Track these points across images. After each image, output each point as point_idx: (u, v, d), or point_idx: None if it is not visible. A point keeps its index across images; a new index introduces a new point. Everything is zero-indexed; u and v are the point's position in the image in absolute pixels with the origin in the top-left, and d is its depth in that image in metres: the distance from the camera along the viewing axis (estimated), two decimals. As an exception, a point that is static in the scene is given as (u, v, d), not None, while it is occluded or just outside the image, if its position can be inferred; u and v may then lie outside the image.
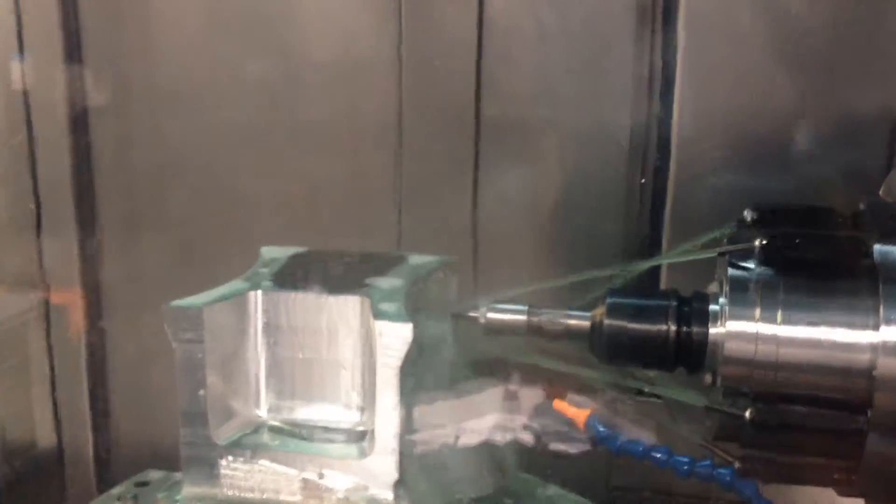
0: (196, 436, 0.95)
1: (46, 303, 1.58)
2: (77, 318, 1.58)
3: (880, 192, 0.94)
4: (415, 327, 0.89)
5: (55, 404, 1.61)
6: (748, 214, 0.91)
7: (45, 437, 1.62)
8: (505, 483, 1.00)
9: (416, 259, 1.05)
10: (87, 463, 1.61)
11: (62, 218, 1.55)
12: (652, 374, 0.91)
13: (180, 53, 1.47)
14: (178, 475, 1.13)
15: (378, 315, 0.91)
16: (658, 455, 0.87)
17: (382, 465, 0.92)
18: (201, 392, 0.94)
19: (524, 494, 1.01)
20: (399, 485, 0.92)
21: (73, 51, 1.49)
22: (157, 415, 1.57)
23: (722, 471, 0.83)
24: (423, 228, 1.42)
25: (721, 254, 0.88)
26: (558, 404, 0.91)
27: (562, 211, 1.39)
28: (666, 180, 1.30)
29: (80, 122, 1.52)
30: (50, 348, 1.60)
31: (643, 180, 1.32)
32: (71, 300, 1.58)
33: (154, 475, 1.15)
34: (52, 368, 1.60)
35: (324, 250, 1.09)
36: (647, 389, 0.92)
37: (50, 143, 1.52)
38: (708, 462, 0.84)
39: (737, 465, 0.83)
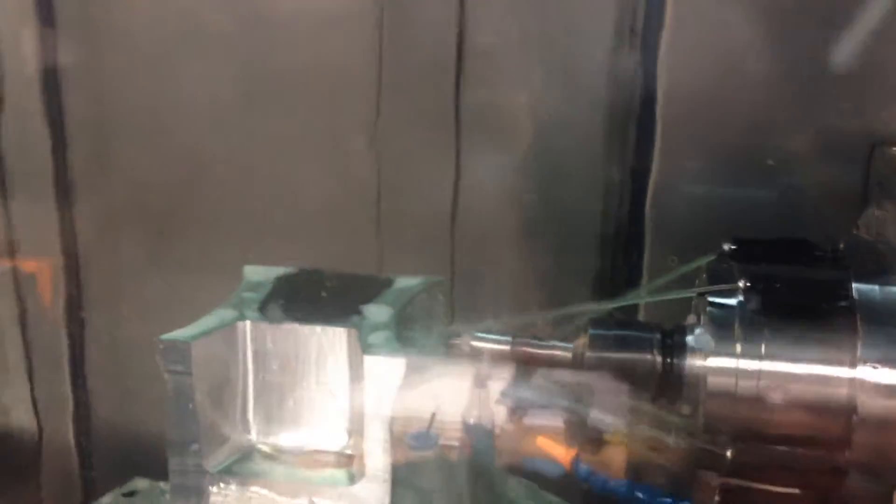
0: (186, 464, 0.96)
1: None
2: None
3: (856, 229, 0.96)
4: (405, 360, 0.91)
5: (32, 390, 1.62)
6: (726, 246, 0.93)
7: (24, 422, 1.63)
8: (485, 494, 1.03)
9: (403, 282, 1.06)
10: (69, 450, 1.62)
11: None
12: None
13: (154, 18, 1.47)
14: (163, 484, 1.16)
15: (368, 349, 0.92)
16: (641, 496, 0.89)
17: (372, 492, 0.94)
18: (191, 421, 0.95)
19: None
20: (393, 512, 0.94)
21: (45, 13, 1.49)
22: (136, 401, 1.59)
23: None
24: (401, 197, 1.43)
25: (700, 294, 0.89)
26: (542, 442, 0.93)
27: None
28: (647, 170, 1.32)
29: (51, 84, 1.51)
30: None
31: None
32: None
33: (140, 484, 1.17)
34: (26, 343, 1.61)
35: (308, 270, 1.09)
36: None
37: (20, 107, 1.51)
38: (688, 502, 0.87)
39: (717, 499, 0.85)
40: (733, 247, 0.93)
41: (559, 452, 0.92)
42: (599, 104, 1.37)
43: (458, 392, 0.99)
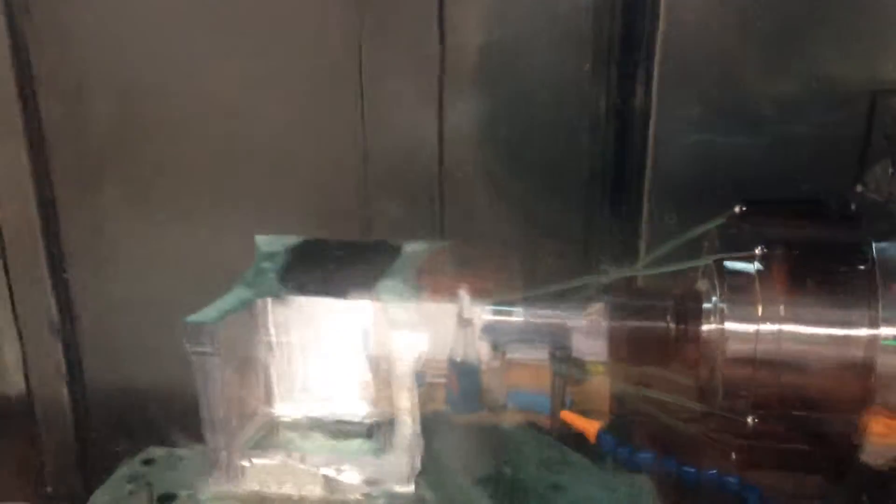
0: (219, 441, 0.98)
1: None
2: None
3: (862, 186, 0.98)
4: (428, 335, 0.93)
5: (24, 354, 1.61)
6: (737, 208, 0.96)
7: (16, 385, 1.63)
8: (505, 461, 1.07)
9: (410, 247, 1.07)
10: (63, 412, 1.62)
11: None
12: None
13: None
14: (180, 451, 1.17)
15: (393, 324, 0.94)
16: (668, 467, 0.92)
17: (401, 461, 0.97)
18: (221, 400, 0.96)
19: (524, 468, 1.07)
20: (419, 478, 0.97)
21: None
22: (127, 361, 1.59)
23: (730, 479, 0.90)
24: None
25: (718, 260, 0.92)
26: (567, 415, 0.96)
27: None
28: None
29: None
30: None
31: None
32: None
33: (157, 452, 1.18)
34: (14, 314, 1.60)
35: (318, 240, 1.10)
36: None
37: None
38: (713, 472, 0.91)
39: (734, 456, 0.89)
40: (744, 208, 0.95)
41: (584, 425, 0.95)
42: (585, 44, 1.37)
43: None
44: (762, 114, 1.18)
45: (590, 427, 0.96)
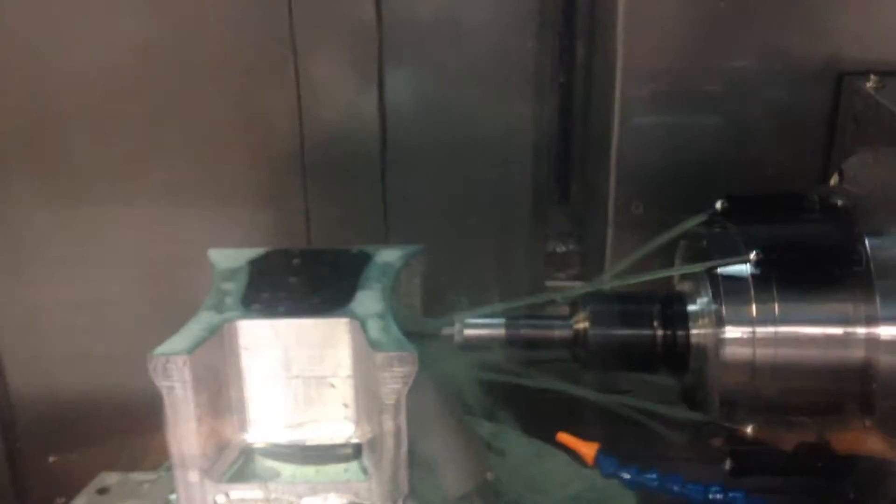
0: (190, 478, 0.92)
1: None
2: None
3: (839, 177, 0.97)
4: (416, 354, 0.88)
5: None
6: (719, 205, 0.94)
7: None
8: (486, 476, 1.04)
9: (383, 255, 1.02)
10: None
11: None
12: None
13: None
14: (135, 475, 1.11)
15: (378, 346, 0.89)
16: (672, 486, 0.91)
17: (390, 484, 0.93)
18: (192, 434, 0.90)
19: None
20: (407, 499, 0.93)
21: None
22: (52, 367, 1.51)
23: (735, 494, 0.89)
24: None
25: (709, 269, 0.89)
26: (563, 437, 0.93)
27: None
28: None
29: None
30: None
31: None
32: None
33: (111, 479, 1.11)
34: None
35: (279, 251, 1.04)
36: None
37: None
38: (719, 487, 0.89)
39: (727, 464, 0.88)
40: (725, 204, 0.93)
41: (580, 447, 0.93)
42: (529, 14, 1.34)
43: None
44: (722, 95, 1.16)
45: (587, 449, 0.94)
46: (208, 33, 1.36)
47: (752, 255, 0.86)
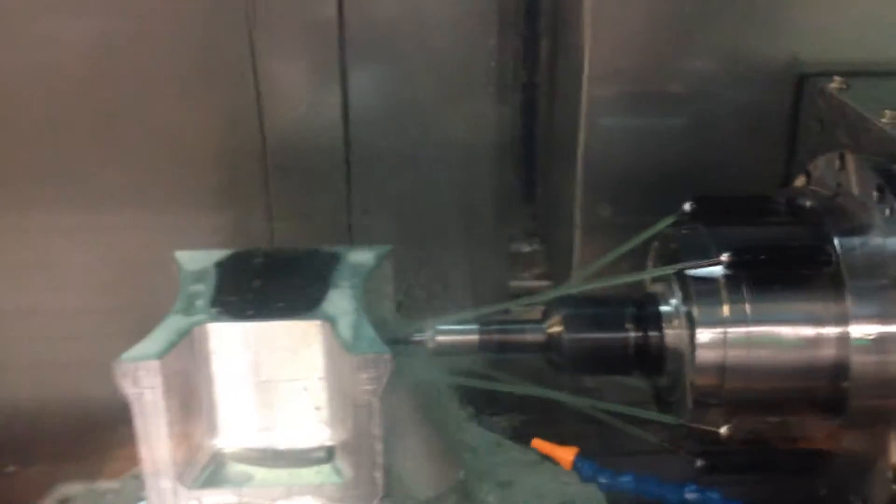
0: (163, 485, 0.90)
1: None
2: None
3: (806, 178, 0.98)
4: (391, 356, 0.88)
5: None
6: (687, 206, 0.94)
7: None
8: (458, 476, 1.03)
9: (353, 257, 1.01)
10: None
11: None
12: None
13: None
14: (98, 485, 1.09)
15: (351, 347, 0.88)
16: (648, 487, 0.91)
17: (365, 486, 0.92)
18: (163, 440, 0.89)
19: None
20: (382, 501, 0.93)
21: None
22: (10, 376, 1.47)
23: (711, 495, 0.89)
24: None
25: (679, 271, 0.90)
26: (538, 443, 0.93)
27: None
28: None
29: None
30: None
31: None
32: None
33: (72, 490, 1.09)
34: None
35: (247, 251, 1.03)
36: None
37: None
38: (694, 486, 0.90)
39: (699, 463, 0.89)
40: (694, 206, 0.94)
41: (557, 453, 0.93)
42: (491, 14, 1.34)
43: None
44: (688, 96, 1.17)
45: (564, 454, 0.93)
46: (165, 32, 1.33)
47: (725, 257, 0.87)
